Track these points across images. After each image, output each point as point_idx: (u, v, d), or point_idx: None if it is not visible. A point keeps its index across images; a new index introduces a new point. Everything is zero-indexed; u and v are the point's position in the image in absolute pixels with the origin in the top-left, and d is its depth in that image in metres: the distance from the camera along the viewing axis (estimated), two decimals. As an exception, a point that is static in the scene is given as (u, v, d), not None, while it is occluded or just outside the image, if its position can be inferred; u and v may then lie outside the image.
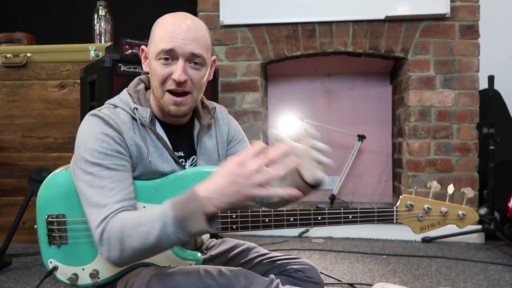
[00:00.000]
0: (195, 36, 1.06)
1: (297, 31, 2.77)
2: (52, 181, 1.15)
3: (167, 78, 1.07)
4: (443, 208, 1.14)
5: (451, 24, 2.65)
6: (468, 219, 1.15)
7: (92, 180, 1.00)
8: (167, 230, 0.89)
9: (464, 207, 1.15)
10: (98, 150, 1.01)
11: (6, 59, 2.49)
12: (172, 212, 0.89)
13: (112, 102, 1.14)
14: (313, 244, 2.50)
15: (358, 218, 1.13)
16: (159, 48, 1.05)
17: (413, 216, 1.15)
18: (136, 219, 0.93)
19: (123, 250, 0.93)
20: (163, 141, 1.11)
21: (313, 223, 1.12)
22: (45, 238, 1.14)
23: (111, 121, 1.05)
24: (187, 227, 0.89)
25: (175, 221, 0.89)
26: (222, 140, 1.27)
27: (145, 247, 0.92)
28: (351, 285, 1.80)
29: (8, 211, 2.50)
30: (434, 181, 1.15)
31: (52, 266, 1.15)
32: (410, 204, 1.14)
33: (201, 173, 1.10)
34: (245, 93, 2.83)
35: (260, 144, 0.91)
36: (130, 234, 0.92)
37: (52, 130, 2.50)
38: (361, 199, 3.21)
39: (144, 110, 1.10)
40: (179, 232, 0.89)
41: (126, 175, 1.04)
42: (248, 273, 1.05)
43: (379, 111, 3.19)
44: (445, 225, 1.15)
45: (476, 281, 1.85)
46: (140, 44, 1.90)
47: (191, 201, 0.89)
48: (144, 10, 3.18)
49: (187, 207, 0.89)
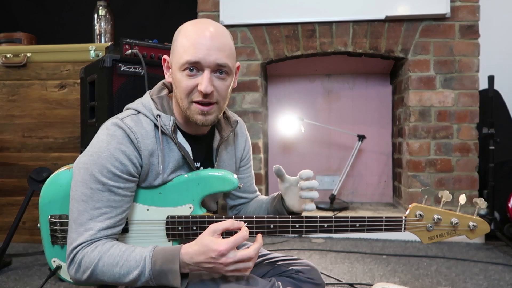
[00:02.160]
0: (219, 45, 1.03)
1: (297, 31, 2.77)
2: (55, 181, 1.16)
3: (193, 90, 1.04)
4: (453, 219, 1.11)
5: (451, 24, 2.65)
6: (479, 230, 1.11)
7: (90, 195, 0.99)
8: (142, 278, 0.96)
9: (475, 218, 1.11)
10: (108, 169, 0.99)
11: (6, 59, 2.49)
12: (152, 265, 0.95)
13: (135, 107, 1.11)
14: (313, 244, 2.50)
15: (365, 226, 1.11)
16: (184, 59, 1.02)
17: (422, 226, 1.12)
18: (113, 258, 0.97)
19: (90, 278, 0.98)
20: (184, 151, 1.09)
21: (319, 230, 1.10)
22: (48, 238, 1.15)
23: (132, 136, 1.03)
24: (162, 281, 0.96)
25: (152, 273, 0.95)
26: (238, 155, 1.27)
27: (114, 282, 0.98)
28: (351, 285, 1.80)
29: (8, 211, 2.50)
30: (445, 191, 1.11)
31: (55, 265, 1.15)
32: (419, 214, 1.11)
33: (205, 178, 1.10)
34: (245, 93, 2.83)
35: (239, 224, 1.02)
36: (103, 271, 0.97)
37: (52, 130, 2.50)
38: (361, 199, 3.21)
39: (167, 118, 1.08)
40: (152, 282, 0.96)
41: (125, 200, 1.03)
42: (250, 276, 1.05)
43: (379, 111, 3.19)
44: (454, 235, 1.12)
45: (476, 281, 1.85)
46: (140, 44, 1.90)
47: (173, 260, 0.95)
48: (144, 10, 3.18)
49: (167, 265, 0.95)
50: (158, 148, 1.06)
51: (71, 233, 1.00)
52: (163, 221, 1.08)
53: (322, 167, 3.24)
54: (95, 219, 0.99)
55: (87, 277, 0.98)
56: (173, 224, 1.08)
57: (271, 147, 3.24)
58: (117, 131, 1.02)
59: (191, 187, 1.09)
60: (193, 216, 1.08)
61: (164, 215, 1.08)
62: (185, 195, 1.08)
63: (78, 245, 0.98)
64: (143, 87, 1.76)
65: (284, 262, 1.22)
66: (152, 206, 1.09)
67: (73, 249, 0.99)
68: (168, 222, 1.08)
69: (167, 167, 1.08)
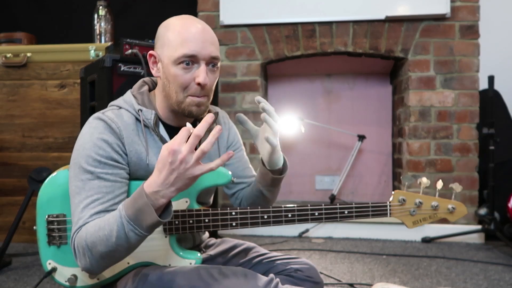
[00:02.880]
0: (211, 38, 1.08)
1: (297, 31, 2.77)
2: (53, 181, 1.16)
3: (189, 84, 1.06)
4: (433, 203, 1.19)
5: (451, 24, 2.65)
6: (457, 212, 1.19)
7: (81, 186, 1.02)
8: (124, 228, 0.93)
9: (453, 201, 1.20)
10: (93, 157, 1.02)
11: (6, 59, 2.49)
12: (125, 211, 0.94)
13: (116, 103, 1.14)
14: (313, 244, 2.50)
15: (353, 213, 1.17)
16: (180, 52, 1.04)
17: (406, 210, 1.19)
18: (96, 225, 0.97)
19: (91, 257, 0.97)
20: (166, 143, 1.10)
21: (311, 219, 1.15)
22: (44, 238, 1.15)
23: (113, 125, 1.06)
24: (141, 222, 0.92)
25: (128, 219, 0.93)
26: (223, 144, 1.28)
27: (110, 249, 0.95)
28: (351, 285, 1.80)
29: (8, 211, 2.50)
30: (423, 177, 1.19)
31: (51, 268, 1.15)
32: (402, 199, 1.19)
33: None
34: (245, 93, 2.83)
35: (186, 129, 0.92)
36: (93, 240, 0.96)
37: (52, 130, 2.50)
38: (361, 199, 3.21)
39: (148, 111, 1.11)
40: (135, 228, 0.93)
41: (116, 186, 1.04)
42: (248, 272, 1.06)
43: (379, 111, 3.19)
44: (436, 219, 1.20)
45: (476, 281, 1.85)
46: (140, 44, 1.90)
47: (139, 198, 0.93)
48: (144, 10, 3.18)
49: (137, 204, 0.93)
50: (141, 139, 1.09)
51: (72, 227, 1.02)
52: None
53: (322, 167, 3.24)
54: (87, 206, 1.00)
55: (88, 258, 0.97)
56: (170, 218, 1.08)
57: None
58: (99, 123, 1.06)
59: None
60: (189, 209, 1.09)
61: None
62: None
63: (73, 234, 1.00)
64: (143, 87, 1.76)
65: (283, 261, 1.22)
66: None
67: (71, 240, 1.01)
68: None
69: (156, 158, 1.09)
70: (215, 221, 1.11)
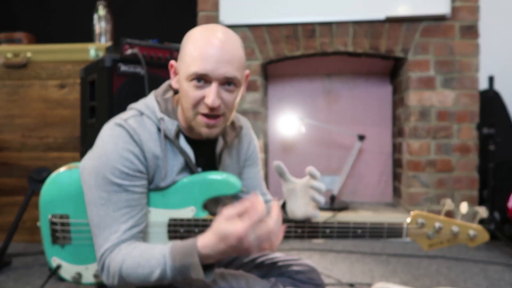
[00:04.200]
0: (229, 57, 1.00)
1: (297, 31, 2.77)
2: (56, 181, 1.15)
3: (199, 102, 1.01)
4: (454, 228, 1.12)
5: (451, 24, 2.65)
6: (478, 239, 1.12)
7: (107, 198, 0.99)
8: (166, 275, 0.94)
9: (475, 226, 1.13)
10: (120, 170, 1.00)
11: (6, 59, 2.49)
12: (172, 261, 0.93)
13: (138, 107, 1.10)
14: (313, 244, 2.50)
15: (367, 233, 1.11)
16: (191, 70, 1.00)
17: (423, 233, 1.13)
18: (135, 260, 0.96)
19: (120, 281, 0.98)
20: (186, 156, 1.09)
21: (321, 236, 1.10)
22: (48, 237, 1.15)
23: (136, 137, 1.03)
24: (185, 274, 0.93)
25: (174, 270, 0.93)
26: (242, 157, 1.25)
27: (142, 284, 0.97)
28: (351, 285, 1.80)
29: (8, 211, 2.50)
30: (448, 199, 1.13)
31: (56, 264, 1.15)
32: (421, 222, 1.12)
33: (208, 180, 1.10)
34: (245, 93, 2.82)
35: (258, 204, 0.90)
36: (128, 273, 0.96)
37: (52, 130, 2.50)
38: (361, 199, 3.21)
39: (171, 122, 1.07)
40: (177, 277, 0.94)
41: (142, 197, 1.03)
42: (249, 276, 1.05)
43: (379, 111, 3.19)
44: (455, 243, 1.13)
45: (476, 281, 1.85)
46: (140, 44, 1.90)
47: (190, 255, 0.92)
48: (144, 10, 3.18)
49: (187, 260, 0.92)
50: (161, 151, 1.06)
51: (97, 239, 1.00)
52: (165, 224, 1.08)
53: (322, 167, 3.24)
54: (118, 220, 0.99)
55: (117, 281, 0.98)
56: (175, 227, 1.08)
57: (271, 147, 3.24)
58: (122, 132, 1.02)
59: (194, 190, 1.08)
60: (195, 218, 1.08)
61: (166, 217, 1.08)
62: (187, 198, 1.08)
63: (105, 251, 0.99)
64: (143, 87, 1.76)
65: (284, 263, 1.22)
66: (154, 208, 1.08)
67: (101, 255, 0.99)
68: (170, 225, 1.08)
69: (172, 170, 1.08)
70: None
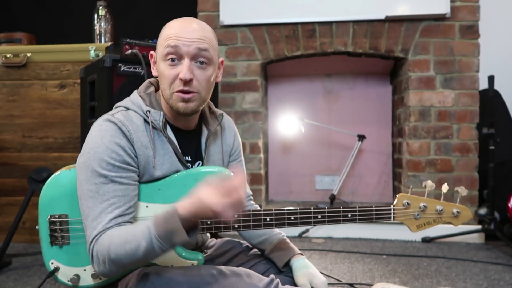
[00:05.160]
0: (200, 35, 1.07)
1: (297, 31, 2.77)
2: (55, 181, 1.15)
3: (174, 79, 1.06)
4: (438, 206, 1.17)
5: (451, 24, 2.65)
6: (462, 216, 1.18)
7: (95, 190, 1.01)
8: (153, 245, 0.95)
9: (458, 205, 1.18)
10: (106, 161, 1.02)
11: (6, 59, 2.49)
12: (155, 230, 0.94)
13: (124, 104, 1.14)
14: (313, 244, 2.50)
15: (357, 216, 1.15)
16: (165, 45, 1.06)
17: (410, 214, 1.18)
18: (122, 237, 0.97)
19: (111, 265, 0.98)
20: (173, 145, 1.12)
21: (314, 222, 1.14)
22: (47, 239, 1.14)
23: (124, 128, 1.05)
24: (171, 241, 0.95)
25: (159, 237, 0.94)
26: (226, 149, 1.28)
27: (133, 261, 0.98)
28: (351, 285, 1.80)
29: (8, 211, 2.50)
30: (428, 180, 1.18)
31: (53, 267, 1.14)
32: (406, 202, 1.17)
33: (203, 173, 1.11)
34: (245, 93, 2.83)
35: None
36: (117, 253, 0.96)
37: (52, 130, 2.50)
38: (361, 199, 3.21)
39: (157, 113, 1.11)
40: (163, 245, 0.95)
41: (130, 188, 1.05)
42: (249, 272, 1.06)
43: (379, 111, 3.19)
44: (440, 223, 1.19)
45: (476, 281, 1.85)
46: (140, 44, 1.90)
47: (172, 219, 0.94)
48: (144, 10, 3.18)
49: (169, 224, 0.94)
50: (150, 141, 1.09)
51: (86, 231, 1.02)
52: None
53: (322, 167, 3.24)
54: (105, 210, 1.00)
55: (108, 266, 0.98)
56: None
57: (271, 147, 3.24)
58: (109, 125, 1.05)
59: (189, 183, 1.09)
60: None
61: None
62: (183, 191, 1.08)
63: (92, 239, 1.00)
64: (143, 87, 1.76)
65: None
66: (151, 203, 1.09)
67: (90, 244, 1.01)
68: None
69: (162, 158, 1.10)
70: (217, 223, 1.11)
